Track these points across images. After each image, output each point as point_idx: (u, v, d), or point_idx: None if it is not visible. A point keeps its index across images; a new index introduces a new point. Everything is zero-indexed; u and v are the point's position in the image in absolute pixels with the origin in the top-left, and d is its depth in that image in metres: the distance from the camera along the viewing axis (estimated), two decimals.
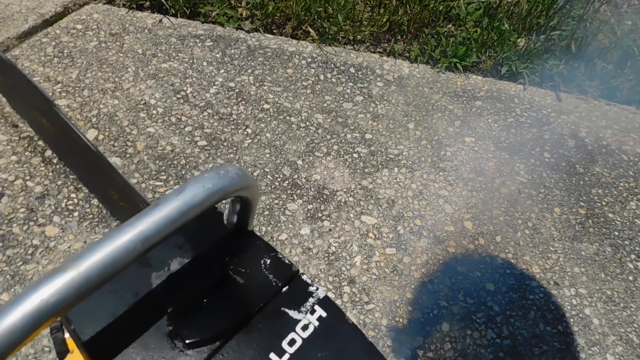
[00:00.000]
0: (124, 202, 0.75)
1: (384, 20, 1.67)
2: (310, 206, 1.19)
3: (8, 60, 1.02)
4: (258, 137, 1.32)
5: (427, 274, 1.10)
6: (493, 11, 1.82)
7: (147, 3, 1.64)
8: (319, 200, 1.21)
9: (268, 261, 0.47)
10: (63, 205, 1.10)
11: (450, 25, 1.77)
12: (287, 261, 0.47)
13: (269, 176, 1.24)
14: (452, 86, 1.59)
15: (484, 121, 1.48)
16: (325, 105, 1.44)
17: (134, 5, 1.63)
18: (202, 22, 1.62)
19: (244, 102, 1.40)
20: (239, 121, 1.35)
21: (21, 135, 1.22)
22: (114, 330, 0.40)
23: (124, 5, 1.64)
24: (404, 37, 1.72)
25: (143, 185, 1.16)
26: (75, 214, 1.09)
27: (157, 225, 0.34)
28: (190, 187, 0.36)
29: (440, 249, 1.15)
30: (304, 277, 0.46)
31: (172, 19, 1.62)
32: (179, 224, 0.35)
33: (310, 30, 1.63)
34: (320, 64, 1.57)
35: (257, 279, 0.45)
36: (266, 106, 1.40)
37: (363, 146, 1.35)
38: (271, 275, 0.46)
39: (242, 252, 0.47)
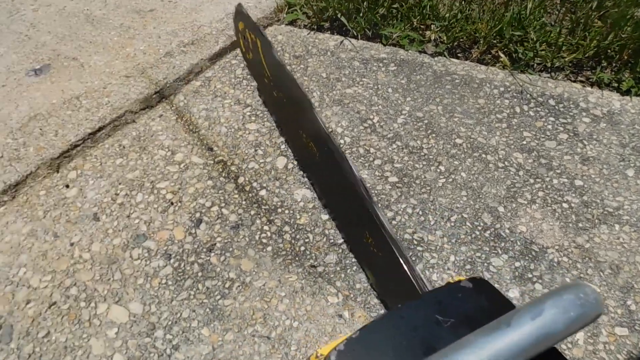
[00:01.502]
0: (377, 250, 0.69)
1: (592, 45, 1.45)
2: (517, 263, 1.04)
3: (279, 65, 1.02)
4: (452, 177, 1.20)
5: None
6: None
7: (327, 24, 1.62)
8: (527, 258, 1.05)
9: None
10: (257, 237, 1.09)
11: None
12: None
13: (467, 223, 1.11)
14: None
15: None
16: (524, 142, 1.28)
17: (315, 27, 1.63)
18: (384, 45, 1.55)
19: (434, 134, 1.30)
20: (431, 156, 1.24)
21: (215, 160, 1.25)
22: None
23: (305, 27, 1.64)
24: (612, 64, 1.48)
25: None
26: (269, 248, 1.07)
27: (508, 351, 0.30)
28: (549, 310, 0.31)
29: None
30: None
31: (353, 40, 1.58)
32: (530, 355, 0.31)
33: (501, 55, 1.47)
34: (515, 94, 1.40)
35: None
36: (459, 141, 1.28)
37: (573, 195, 1.16)
38: None
39: None
